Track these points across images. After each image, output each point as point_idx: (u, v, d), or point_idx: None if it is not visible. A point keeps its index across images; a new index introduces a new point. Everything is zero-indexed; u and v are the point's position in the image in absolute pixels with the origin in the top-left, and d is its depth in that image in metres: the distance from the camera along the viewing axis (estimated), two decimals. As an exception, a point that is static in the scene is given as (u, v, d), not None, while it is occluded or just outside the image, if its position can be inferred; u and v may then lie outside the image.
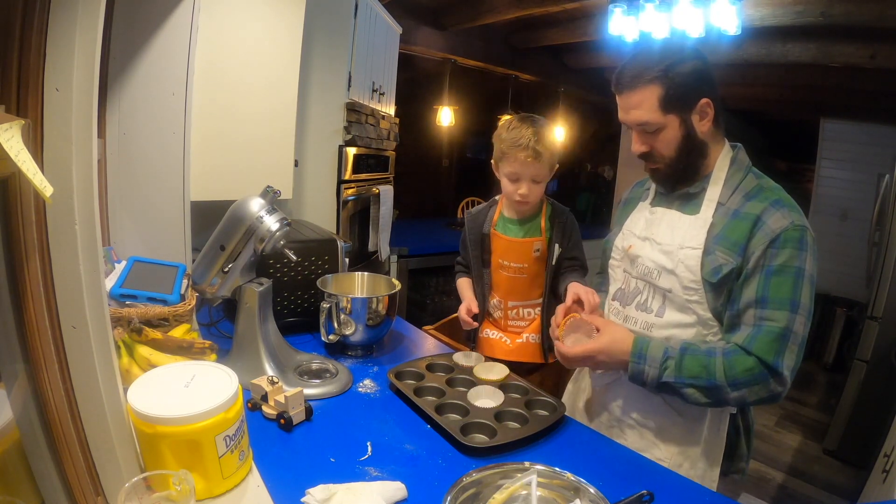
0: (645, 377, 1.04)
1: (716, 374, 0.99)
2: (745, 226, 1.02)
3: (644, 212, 1.21)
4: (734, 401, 1.01)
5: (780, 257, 0.99)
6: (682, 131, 1.06)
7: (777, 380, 0.98)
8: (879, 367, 2.69)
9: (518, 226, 1.52)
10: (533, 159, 1.39)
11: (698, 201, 1.10)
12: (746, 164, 1.11)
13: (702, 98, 1.05)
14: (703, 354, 1.01)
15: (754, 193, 1.06)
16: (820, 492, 2.60)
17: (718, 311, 1.06)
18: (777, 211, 1.01)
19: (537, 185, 1.44)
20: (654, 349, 1.04)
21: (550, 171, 1.46)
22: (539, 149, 1.38)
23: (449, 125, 4.42)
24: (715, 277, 1.02)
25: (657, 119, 1.05)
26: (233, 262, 1.17)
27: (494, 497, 0.82)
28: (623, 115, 1.11)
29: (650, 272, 1.12)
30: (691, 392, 1.01)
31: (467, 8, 3.39)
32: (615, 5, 2.70)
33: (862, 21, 2.41)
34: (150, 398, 0.78)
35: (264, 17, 1.78)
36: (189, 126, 1.49)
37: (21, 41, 0.64)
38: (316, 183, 2.37)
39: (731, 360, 0.99)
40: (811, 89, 3.89)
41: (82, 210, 0.70)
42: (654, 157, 1.11)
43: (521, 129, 1.40)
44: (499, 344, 1.56)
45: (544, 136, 1.40)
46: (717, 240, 1.04)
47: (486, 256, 1.55)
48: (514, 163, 1.42)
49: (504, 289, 1.54)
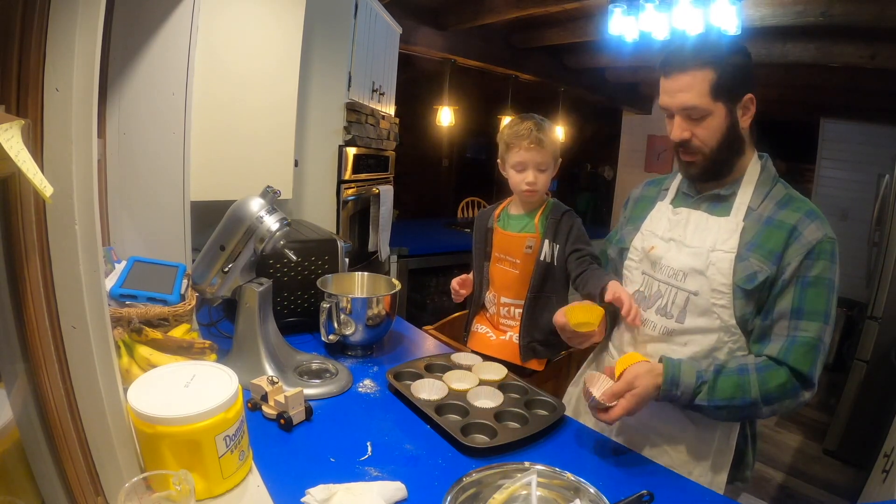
0: (676, 401, 1.02)
1: (750, 392, 0.98)
2: (780, 234, 1.01)
3: (665, 212, 1.18)
4: (766, 414, 1.01)
5: (815, 269, 0.99)
6: (728, 122, 1.04)
7: (808, 389, 0.99)
8: (879, 367, 2.69)
9: (517, 221, 1.57)
10: (536, 146, 1.46)
11: (728, 205, 1.09)
12: (774, 173, 1.11)
13: (748, 92, 1.04)
14: (737, 374, 1.00)
15: (785, 202, 1.05)
16: (820, 492, 2.60)
17: (745, 319, 1.04)
18: (812, 222, 1.01)
19: (542, 173, 1.50)
20: (687, 375, 1.00)
21: (554, 162, 1.52)
22: (541, 136, 1.46)
23: (449, 125, 4.42)
24: (750, 285, 1.01)
25: (706, 104, 1.02)
26: (233, 262, 1.17)
27: (494, 497, 0.82)
28: (667, 99, 1.06)
29: (675, 274, 1.10)
30: (722, 413, 1.01)
31: (467, 8, 3.39)
32: (615, 5, 2.70)
33: (862, 21, 2.41)
34: (150, 398, 0.78)
35: (264, 18, 1.78)
36: (189, 126, 1.49)
37: (21, 41, 0.64)
38: (316, 183, 2.37)
39: (763, 376, 0.99)
40: (811, 89, 3.89)
41: (82, 210, 0.70)
42: (692, 147, 1.07)
43: (522, 123, 1.49)
44: (484, 338, 1.60)
45: (545, 128, 1.49)
46: (750, 246, 1.03)
47: (488, 249, 1.60)
48: (518, 151, 1.48)
49: (498, 283, 1.59)
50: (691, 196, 1.16)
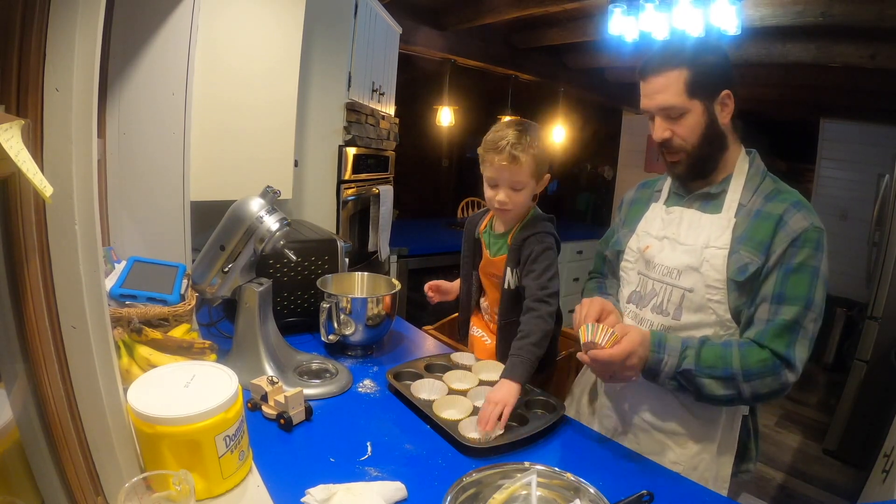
0: (663, 366, 1.03)
1: (732, 363, 1.00)
2: (768, 225, 1.03)
3: (659, 212, 1.20)
4: (748, 392, 1.00)
5: (798, 256, 1.01)
6: (706, 118, 1.07)
7: (790, 370, 1.00)
8: (879, 367, 2.69)
9: (495, 241, 1.44)
10: (509, 163, 1.27)
11: (719, 202, 1.11)
12: (763, 168, 1.13)
13: (724, 88, 1.06)
14: (720, 346, 1.03)
15: (773, 195, 1.07)
16: (820, 492, 2.60)
17: (739, 311, 1.06)
18: (798, 212, 1.03)
19: (517, 192, 1.31)
20: (673, 340, 1.04)
21: (535, 180, 1.32)
22: (516, 153, 1.26)
23: (449, 125, 4.42)
24: (741, 276, 1.03)
25: (682, 103, 1.05)
26: (233, 262, 1.17)
27: (494, 497, 0.82)
28: (647, 102, 1.10)
29: (670, 272, 1.11)
30: (708, 382, 1.01)
31: (467, 8, 3.39)
32: (615, 5, 2.70)
33: (862, 21, 2.41)
34: (150, 398, 0.78)
35: (264, 18, 1.78)
36: (189, 126, 1.49)
37: (21, 41, 0.64)
38: (316, 183, 2.37)
39: (744, 351, 1.01)
40: (811, 89, 3.88)
41: (82, 210, 0.70)
42: (675, 146, 1.10)
43: (503, 132, 1.29)
44: (479, 342, 1.56)
45: (526, 141, 1.27)
46: (740, 240, 1.05)
47: (476, 260, 1.51)
48: (490, 167, 1.31)
49: (490, 296, 1.51)
50: (682, 196, 1.18)
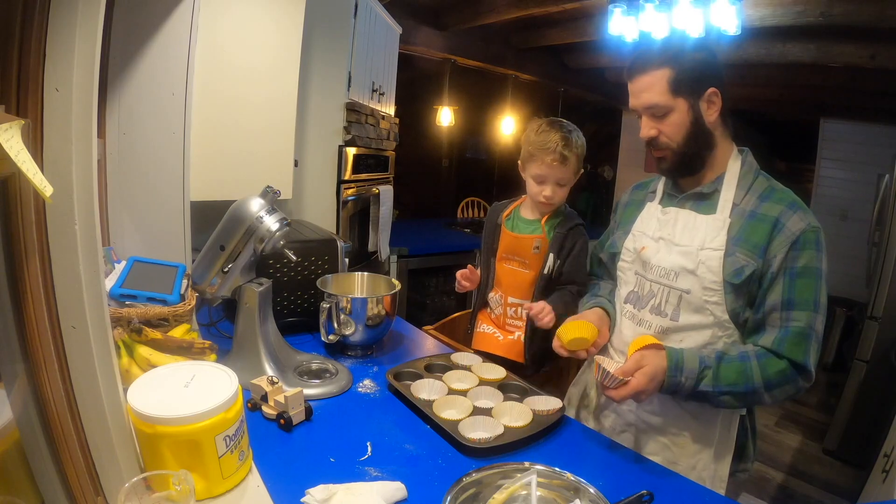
0: (680, 388, 1.03)
1: (753, 378, 1.00)
2: (764, 228, 1.03)
3: (654, 212, 1.20)
4: (767, 401, 1.02)
5: (801, 259, 1.01)
6: (691, 116, 1.07)
7: (805, 376, 1.02)
8: (879, 367, 2.69)
9: (525, 224, 1.57)
10: (559, 163, 1.44)
11: (712, 202, 1.11)
12: (755, 166, 1.13)
13: (710, 86, 1.07)
14: (739, 360, 1.02)
15: (767, 195, 1.07)
16: (820, 492, 2.60)
17: (736, 313, 1.06)
18: (794, 213, 1.03)
19: (562, 188, 1.49)
20: (690, 360, 1.02)
21: (575, 176, 1.51)
22: (566, 153, 1.43)
23: (449, 125, 4.42)
24: (737, 279, 1.03)
25: (666, 101, 1.06)
26: (233, 262, 1.17)
27: (494, 497, 0.82)
28: (633, 101, 1.12)
29: (666, 274, 1.11)
30: (726, 399, 1.02)
31: (467, 8, 3.39)
32: (615, 5, 2.70)
33: (862, 21, 2.41)
34: (150, 398, 0.78)
35: (264, 18, 1.77)
36: (189, 126, 1.49)
37: (21, 41, 0.64)
38: (316, 183, 2.36)
39: (763, 363, 1.01)
40: (811, 89, 3.89)
41: (82, 210, 0.70)
42: (660, 144, 1.11)
43: (549, 133, 1.45)
44: (491, 339, 1.59)
45: (572, 142, 1.45)
46: (736, 241, 1.05)
47: (495, 246, 1.60)
48: (541, 165, 1.46)
49: (505, 283, 1.58)
50: (675, 196, 1.18)
